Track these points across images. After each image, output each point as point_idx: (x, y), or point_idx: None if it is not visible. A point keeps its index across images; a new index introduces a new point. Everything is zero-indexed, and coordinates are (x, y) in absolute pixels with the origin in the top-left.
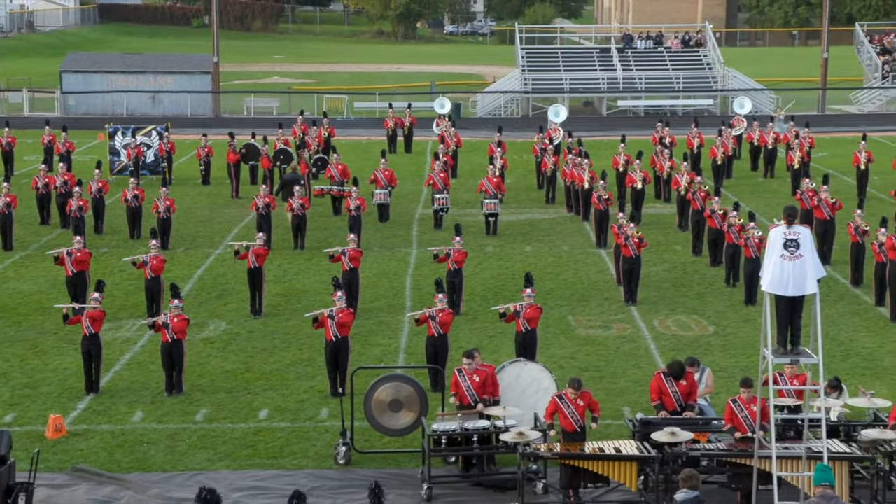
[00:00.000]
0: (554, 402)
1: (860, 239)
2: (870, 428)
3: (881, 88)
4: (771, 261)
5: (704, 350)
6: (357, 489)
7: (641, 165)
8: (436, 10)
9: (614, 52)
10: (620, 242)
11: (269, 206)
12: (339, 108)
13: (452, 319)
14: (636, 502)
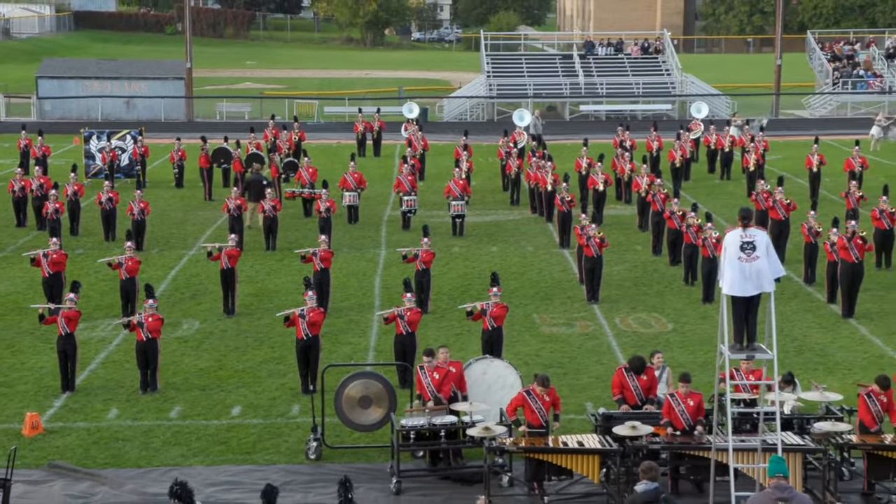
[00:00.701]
0: (521, 397)
1: (813, 239)
2: (822, 421)
3: (832, 94)
4: (729, 263)
5: (664, 346)
6: (328, 483)
7: (603, 168)
8: (403, 18)
9: (576, 58)
10: (583, 243)
11: (240, 208)
12: (310, 113)
13: (420, 318)
14: (598, 494)
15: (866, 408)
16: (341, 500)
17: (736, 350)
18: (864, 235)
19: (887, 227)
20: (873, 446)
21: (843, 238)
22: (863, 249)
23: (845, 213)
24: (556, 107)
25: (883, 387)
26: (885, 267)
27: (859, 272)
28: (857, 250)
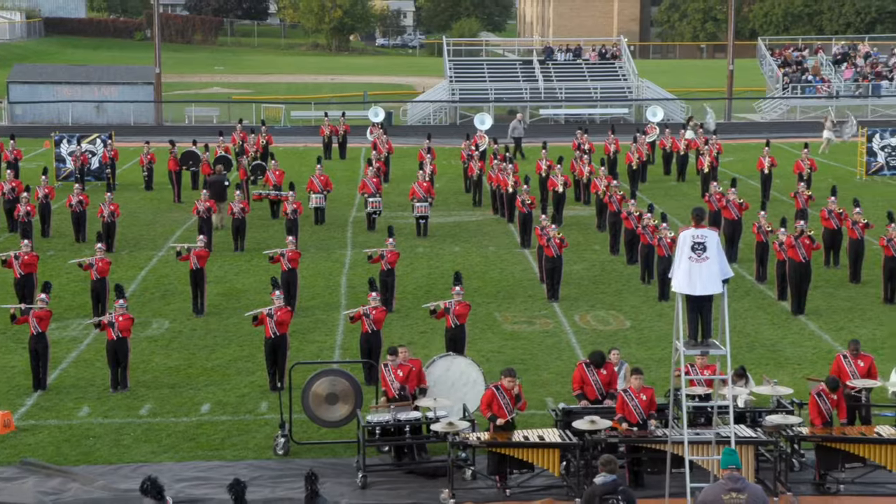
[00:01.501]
0: (491, 393)
1: (764, 238)
2: (773, 414)
3: (782, 98)
4: (680, 262)
5: (622, 343)
6: (295, 478)
7: (562, 170)
8: (368, 24)
9: (536, 63)
10: (543, 243)
11: (209, 210)
12: (277, 117)
13: (385, 316)
14: (559, 486)
15: (817, 409)
16: (308, 494)
17: (691, 346)
18: (812, 235)
19: (835, 226)
20: (822, 438)
21: (791, 237)
22: (810, 249)
23: (795, 213)
24: (516, 111)
25: (832, 388)
26: (833, 265)
27: (807, 270)
28: (804, 249)
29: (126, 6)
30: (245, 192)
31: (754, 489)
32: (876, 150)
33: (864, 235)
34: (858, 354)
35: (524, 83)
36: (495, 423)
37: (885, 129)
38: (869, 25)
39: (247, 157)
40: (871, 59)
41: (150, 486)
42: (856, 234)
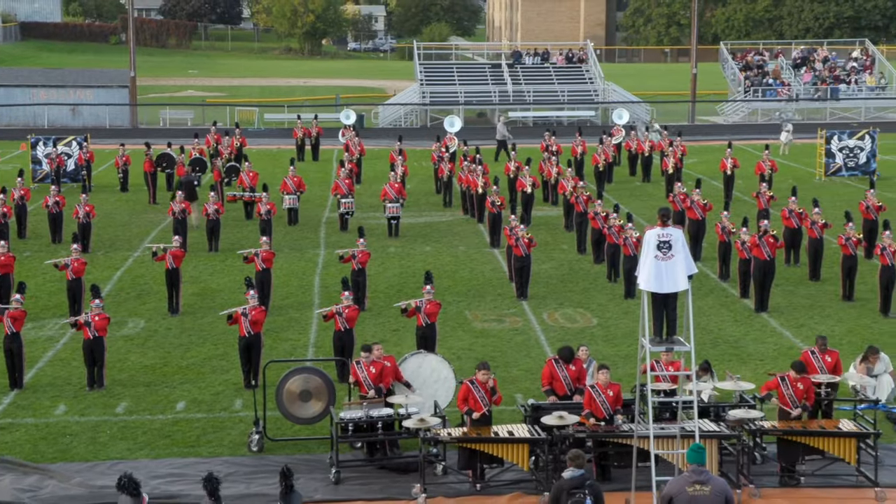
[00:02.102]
0: (466, 388)
1: (727, 238)
2: (736, 408)
3: (744, 101)
4: (646, 261)
5: (589, 340)
6: (270, 474)
7: (530, 171)
8: (340, 28)
9: (505, 67)
10: (511, 243)
11: (184, 212)
12: (251, 120)
13: (358, 315)
14: (528, 481)
15: (780, 392)
16: (282, 489)
17: (656, 343)
18: (775, 234)
19: (796, 225)
20: (784, 432)
21: (754, 236)
22: (774, 247)
23: (757, 213)
24: (485, 113)
25: (798, 371)
26: (793, 263)
27: (770, 268)
28: (768, 248)
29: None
30: (219, 194)
31: (718, 482)
32: (834, 151)
33: (823, 234)
34: (826, 350)
35: (493, 86)
36: (471, 416)
37: (843, 132)
38: (827, 30)
39: (221, 158)
40: (829, 63)
41: (127, 483)
42: (815, 233)
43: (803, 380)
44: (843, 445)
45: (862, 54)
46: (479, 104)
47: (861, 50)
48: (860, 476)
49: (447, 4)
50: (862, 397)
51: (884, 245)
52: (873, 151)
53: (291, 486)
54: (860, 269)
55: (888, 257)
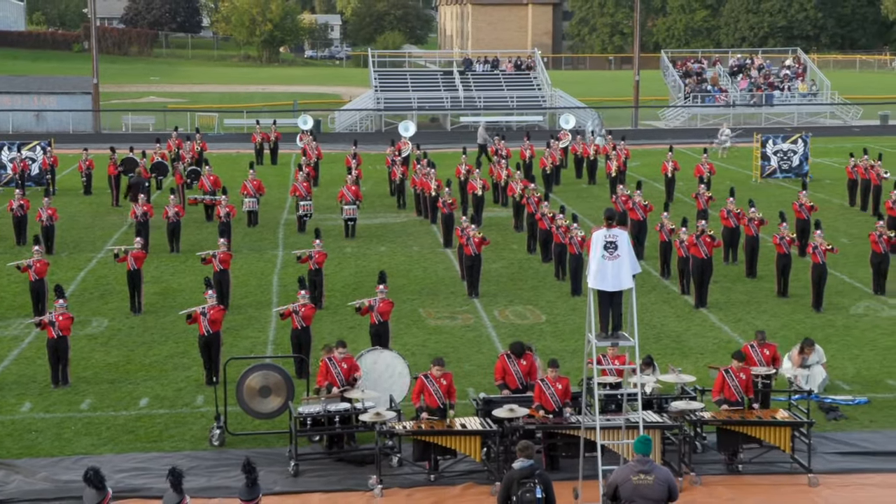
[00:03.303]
0: (420, 382)
1: (666, 237)
2: (678, 400)
3: (684, 107)
4: (595, 260)
5: (538, 336)
6: (231, 468)
7: (481, 174)
8: (297, 37)
9: (456, 74)
10: (462, 242)
11: (146, 214)
12: (210, 125)
13: (314, 313)
14: (480, 471)
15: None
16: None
17: (602, 338)
18: (713, 234)
19: (734, 225)
20: (723, 422)
21: (693, 236)
22: (711, 246)
23: (696, 213)
24: (438, 118)
25: (739, 360)
26: (731, 261)
27: (708, 266)
28: (706, 247)
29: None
30: (181, 197)
31: (661, 471)
32: (769, 154)
33: (760, 233)
34: (764, 343)
35: (445, 92)
36: (427, 410)
37: (778, 136)
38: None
39: (183, 162)
40: (764, 70)
41: (93, 477)
42: (752, 231)
43: (744, 370)
44: (779, 434)
45: (794, 62)
46: (431, 110)
47: (794, 58)
48: (794, 463)
49: (400, 14)
50: (796, 388)
51: (815, 244)
52: (806, 154)
53: (254, 479)
54: (794, 266)
55: (819, 256)
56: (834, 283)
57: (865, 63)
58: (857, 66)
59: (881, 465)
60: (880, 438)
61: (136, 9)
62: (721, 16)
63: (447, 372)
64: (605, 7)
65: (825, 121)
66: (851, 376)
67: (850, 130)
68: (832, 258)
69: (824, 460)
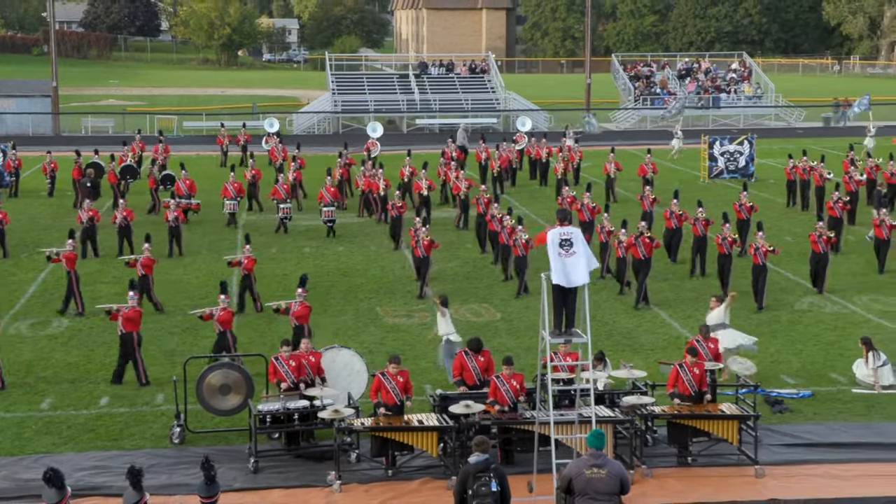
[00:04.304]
0: (378, 380)
1: (605, 238)
2: (630, 395)
3: (634, 109)
4: (552, 258)
5: (493, 333)
6: (191, 465)
7: (426, 175)
8: (255, 41)
9: (412, 77)
10: (413, 244)
11: (92, 219)
12: (170, 127)
13: (232, 317)
14: (437, 466)
15: (679, 378)
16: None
17: (555, 335)
18: (651, 235)
19: (675, 226)
20: (673, 416)
21: (632, 237)
22: (650, 247)
23: (641, 214)
24: (394, 121)
25: (693, 355)
26: (674, 262)
27: (646, 266)
28: (644, 248)
29: (23, 23)
30: (155, 200)
31: (613, 464)
32: (716, 155)
33: (707, 232)
34: (708, 338)
35: (401, 95)
36: (384, 407)
37: (724, 137)
38: (709, 44)
39: (157, 164)
40: (711, 74)
41: (52, 476)
42: (698, 230)
43: (698, 365)
44: (727, 427)
45: (740, 66)
46: (388, 112)
47: (739, 62)
48: (742, 455)
49: (357, 18)
50: (743, 382)
51: (757, 245)
52: (751, 155)
53: (212, 477)
54: (738, 265)
55: (760, 257)
56: (779, 279)
57: (808, 67)
58: (800, 70)
59: (825, 455)
60: (824, 430)
61: (95, 13)
62: (669, 21)
63: (404, 370)
64: (557, 12)
65: (770, 123)
66: (796, 370)
67: (793, 132)
68: (777, 256)
69: (770, 452)
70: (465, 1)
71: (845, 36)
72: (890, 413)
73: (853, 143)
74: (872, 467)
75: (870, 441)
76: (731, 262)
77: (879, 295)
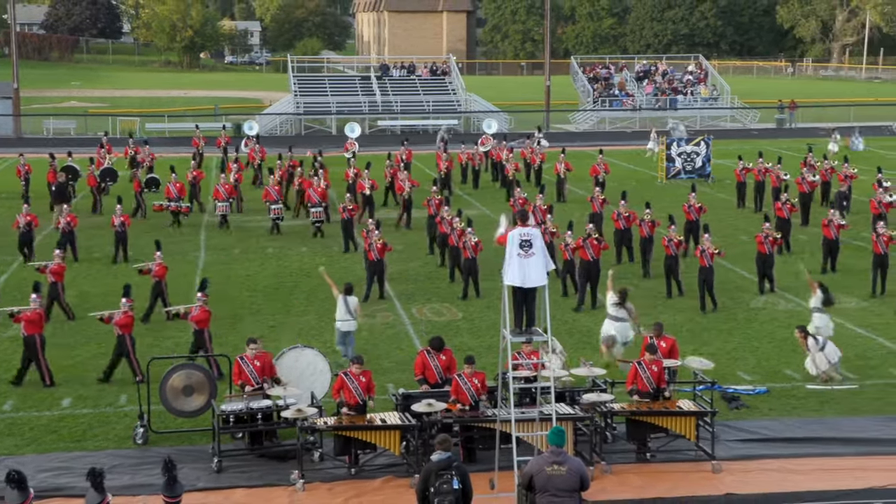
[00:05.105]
0: (340, 379)
1: (549, 239)
2: (589, 392)
3: (593, 111)
4: (511, 258)
5: (454, 333)
6: (154, 465)
7: (369, 175)
8: (217, 43)
9: (373, 79)
10: (366, 247)
11: (70, 224)
12: (132, 129)
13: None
14: (399, 464)
15: (638, 376)
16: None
17: (516, 334)
18: (599, 237)
19: (623, 227)
20: (632, 412)
21: (580, 239)
22: (598, 248)
23: (590, 215)
24: (356, 122)
25: (651, 352)
26: (625, 261)
27: (595, 268)
28: (592, 249)
29: None
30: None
31: (574, 461)
32: (674, 156)
33: (653, 233)
34: (661, 336)
35: (363, 97)
36: (347, 406)
37: (682, 139)
38: (666, 46)
39: (142, 166)
40: (668, 76)
41: (15, 478)
42: (644, 232)
43: (656, 362)
44: (684, 423)
45: (696, 68)
46: (350, 114)
47: (696, 64)
48: (699, 451)
49: (319, 21)
50: (701, 379)
51: (703, 248)
52: (708, 156)
53: (175, 477)
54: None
55: (706, 259)
56: (735, 278)
57: (762, 69)
58: (755, 72)
59: (780, 450)
60: (779, 426)
61: (56, 15)
62: (627, 24)
63: (366, 370)
64: (517, 15)
65: (725, 124)
66: (752, 367)
67: (748, 133)
68: (732, 254)
69: (727, 447)
70: (426, 4)
71: (798, 39)
72: (842, 408)
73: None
74: (826, 461)
75: (823, 436)
76: (677, 263)
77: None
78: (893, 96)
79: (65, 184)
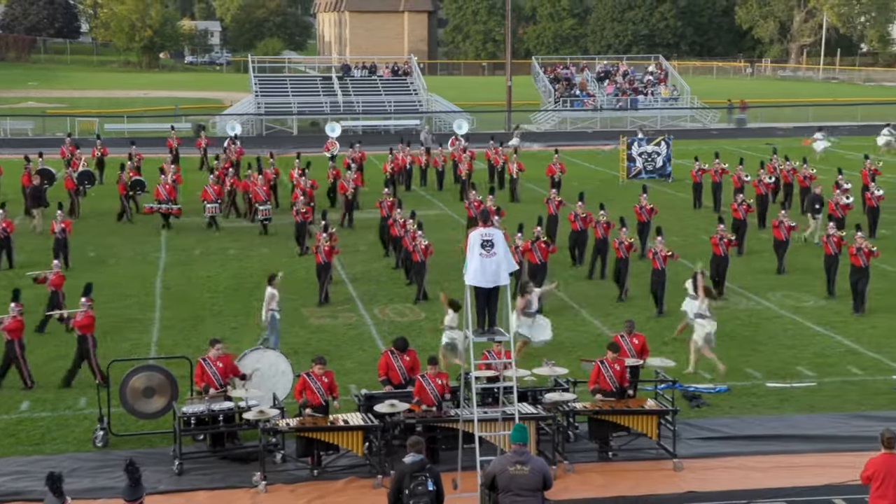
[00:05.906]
0: (303, 380)
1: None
2: (551, 392)
3: (554, 111)
4: (472, 258)
5: (417, 333)
6: (115, 468)
7: (309, 175)
8: (177, 43)
9: (335, 79)
10: (314, 250)
11: (64, 230)
12: (91, 130)
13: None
14: (362, 465)
15: (601, 375)
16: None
17: (479, 334)
18: (546, 240)
19: (580, 228)
20: (594, 412)
21: (528, 242)
22: (546, 251)
23: (547, 217)
24: (318, 123)
25: (614, 351)
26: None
27: (542, 271)
28: (540, 252)
29: None
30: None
31: (536, 461)
32: (635, 156)
33: (608, 235)
34: (632, 333)
35: (324, 97)
36: (309, 406)
37: (642, 138)
38: (626, 47)
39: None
40: (628, 76)
41: None
42: (599, 233)
43: (619, 361)
44: (646, 422)
45: (657, 69)
46: (311, 114)
47: (656, 65)
48: (661, 449)
49: (280, 21)
50: (662, 378)
51: (656, 250)
52: (668, 156)
53: (137, 480)
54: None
55: (659, 262)
56: None
57: (722, 69)
58: (714, 73)
59: (741, 448)
60: (739, 424)
61: (12, 14)
62: (588, 24)
63: (329, 370)
64: (478, 15)
65: (686, 124)
66: (713, 366)
67: (708, 133)
68: (691, 254)
69: (688, 446)
70: (387, 4)
71: (757, 39)
72: (801, 406)
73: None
74: (786, 458)
75: (783, 433)
76: (627, 265)
77: (791, 291)
78: (850, 96)
79: (40, 187)
